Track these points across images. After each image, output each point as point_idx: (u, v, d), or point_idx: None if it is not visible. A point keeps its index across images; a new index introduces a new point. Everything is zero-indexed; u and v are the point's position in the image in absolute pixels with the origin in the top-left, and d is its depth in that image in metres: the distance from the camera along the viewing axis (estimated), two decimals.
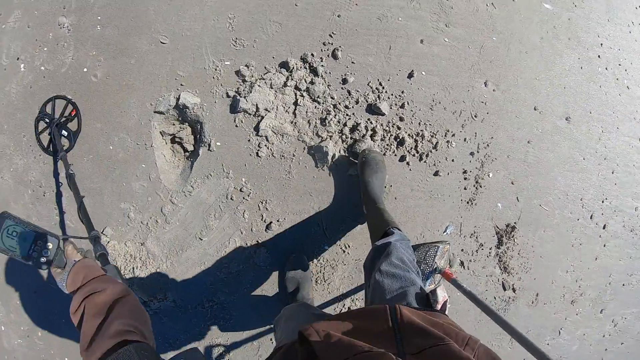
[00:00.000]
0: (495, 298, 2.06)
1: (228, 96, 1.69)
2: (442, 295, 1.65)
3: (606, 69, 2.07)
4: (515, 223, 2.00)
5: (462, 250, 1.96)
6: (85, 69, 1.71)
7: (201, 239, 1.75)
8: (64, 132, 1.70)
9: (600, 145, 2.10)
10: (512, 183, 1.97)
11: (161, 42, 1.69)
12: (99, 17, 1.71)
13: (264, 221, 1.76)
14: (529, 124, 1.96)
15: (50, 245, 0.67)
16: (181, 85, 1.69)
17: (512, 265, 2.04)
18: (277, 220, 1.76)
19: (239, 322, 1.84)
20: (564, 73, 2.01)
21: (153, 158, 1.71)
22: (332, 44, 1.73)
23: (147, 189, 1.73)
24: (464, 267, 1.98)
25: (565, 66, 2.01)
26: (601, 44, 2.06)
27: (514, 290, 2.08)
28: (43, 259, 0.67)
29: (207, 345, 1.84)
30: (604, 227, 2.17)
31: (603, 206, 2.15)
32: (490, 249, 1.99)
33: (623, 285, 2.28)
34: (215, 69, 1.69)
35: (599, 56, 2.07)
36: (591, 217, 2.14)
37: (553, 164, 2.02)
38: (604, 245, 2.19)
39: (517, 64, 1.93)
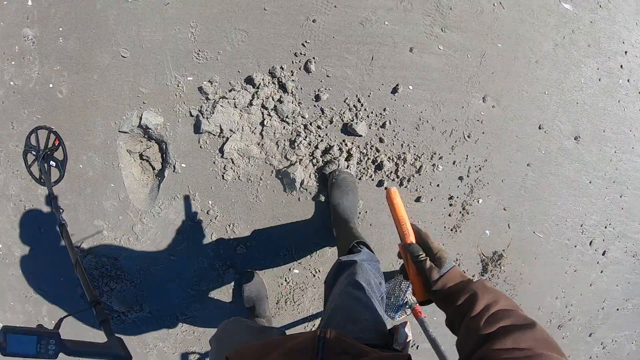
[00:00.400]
0: None
1: (191, 115, 1.31)
2: (405, 334, 1.24)
3: (628, 80, 1.48)
4: (503, 251, 1.54)
5: None
6: (51, 85, 1.37)
7: (172, 257, 1.45)
8: (52, 163, 1.40)
9: (611, 167, 1.55)
10: (505, 209, 1.50)
11: (122, 56, 1.30)
12: (61, 29, 1.34)
13: (232, 244, 1.42)
14: (532, 144, 1.45)
15: (53, 342, 0.67)
16: (144, 103, 1.32)
17: None
18: (246, 243, 1.42)
19: (213, 332, 1.57)
20: (579, 86, 1.44)
21: (121, 178, 1.39)
22: (304, 54, 1.27)
23: (117, 208, 1.42)
24: None
25: (581, 78, 1.44)
26: (625, 52, 1.46)
27: None
28: (51, 352, 0.67)
29: (184, 352, 1.60)
30: (603, 254, 1.67)
31: (605, 232, 1.64)
32: (472, 276, 1.57)
33: (617, 310, 1.80)
34: (178, 85, 1.29)
35: (621, 66, 1.47)
36: (590, 244, 1.64)
37: (554, 188, 1.51)
38: (601, 272, 1.70)
39: (524, 76, 1.39)
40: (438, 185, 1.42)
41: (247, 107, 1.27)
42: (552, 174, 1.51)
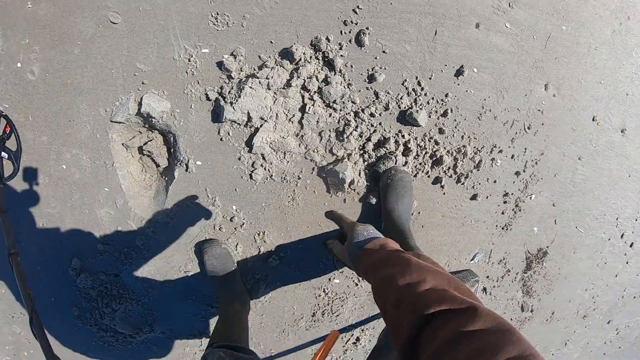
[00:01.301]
0: (511, 319, 1.41)
1: (208, 99, 0.89)
2: None
3: None
4: (547, 247, 1.28)
5: (487, 277, 1.27)
6: (19, 64, 0.89)
7: (186, 273, 1.05)
8: (4, 154, 0.92)
9: None
10: (554, 205, 1.22)
11: (111, 22, 0.85)
12: None
13: (262, 255, 1.04)
14: (585, 137, 1.16)
15: None
16: (143, 83, 0.88)
17: (535, 288, 1.36)
18: (279, 254, 1.04)
19: None
20: (630, 76, 1.17)
21: (117, 179, 0.95)
22: (356, 23, 0.89)
23: (114, 217, 0.99)
24: (486, 293, 1.30)
25: (633, 68, 1.16)
26: None
27: (531, 311, 1.42)
28: None
29: None
30: (631, 245, 1.45)
31: (636, 224, 1.42)
32: (517, 273, 1.30)
33: (634, 297, 1.61)
34: (189, 60, 0.87)
35: None
36: (622, 236, 1.41)
37: (599, 182, 1.25)
38: (627, 263, 1.49)
39: (583, 63, 1.09)
40: (495, 182, 1.10)
41: (284, 88, 0.87)
42: (599, 168, 1.24)
